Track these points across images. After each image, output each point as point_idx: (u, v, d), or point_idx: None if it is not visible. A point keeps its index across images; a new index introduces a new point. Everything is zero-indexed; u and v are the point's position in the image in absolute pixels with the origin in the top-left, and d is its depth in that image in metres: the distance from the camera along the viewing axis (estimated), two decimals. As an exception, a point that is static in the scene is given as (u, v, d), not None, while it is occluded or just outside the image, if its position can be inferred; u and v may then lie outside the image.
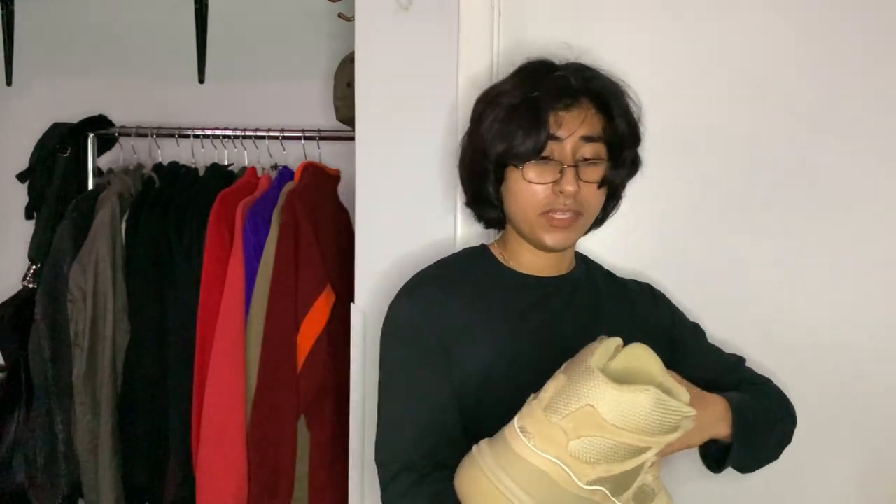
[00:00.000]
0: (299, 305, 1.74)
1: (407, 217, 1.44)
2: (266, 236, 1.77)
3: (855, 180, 1.42)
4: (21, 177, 2.05)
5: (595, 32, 1.42)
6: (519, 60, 1.21)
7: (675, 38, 1.42)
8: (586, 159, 1.12)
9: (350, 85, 1.67)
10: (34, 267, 1.96)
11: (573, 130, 1.10)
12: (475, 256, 1.23)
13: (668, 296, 1.32)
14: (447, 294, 1.15)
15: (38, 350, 1.84)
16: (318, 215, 1.82)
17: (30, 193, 2.04)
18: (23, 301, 1.95)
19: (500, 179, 1.16)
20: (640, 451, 0.88)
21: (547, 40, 1.40)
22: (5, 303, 1.99)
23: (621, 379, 0.88)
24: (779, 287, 1.43)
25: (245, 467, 1.73)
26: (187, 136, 2.03)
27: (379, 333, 1.17)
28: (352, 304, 1.48)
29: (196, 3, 2.19)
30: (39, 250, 1.95)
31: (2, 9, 2.23)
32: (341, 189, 1.99)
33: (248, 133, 2.02)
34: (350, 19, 1.52)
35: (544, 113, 1.10)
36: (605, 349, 0.93)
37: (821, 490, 1.46)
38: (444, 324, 1.12)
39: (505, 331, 1.14)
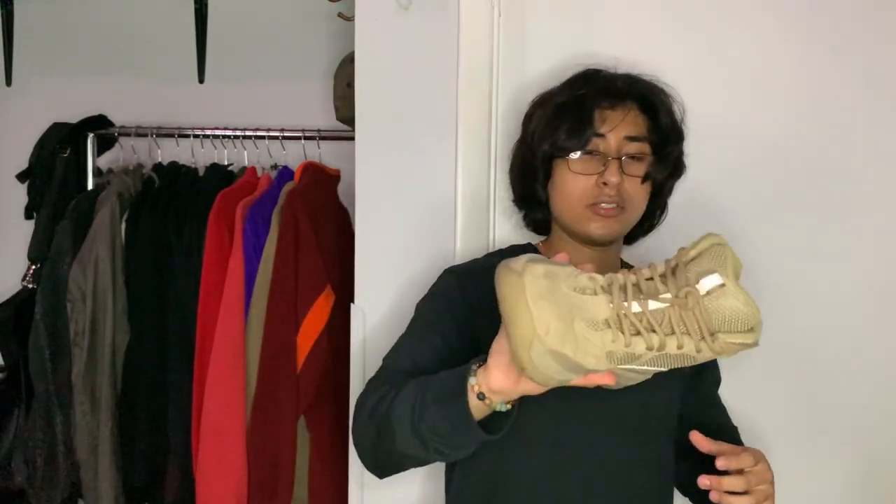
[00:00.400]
0: (299, 305, 1.74)
1: (407, 217, 1.44)
2: (266, 236, 1.77)
3: (857, 178, 1.42)
4: (21, 177, 2.04)
5: (595, 32, 1.42)
6: (519, 60, 1.21)
7: (676, 37, 1.43)
8: (631, 156, 1.15)
9: (350, 85, 1.67)
10: (34, 267, 1.96)
11: (617, 128, 1.14)
12: (521, 252, 1.23)
13: None
14: (483, 278, 1.13)
15: (38, 350, 1.84)
16: (318, 215, 1.82)
17: (29, 193, 2.04)
18: (22, 301, 1.95)
19: (547, 177, 1.19)
20: None
21: (547, 40, 1.41)
22: (5, 303, 1.99)
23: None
24: (776, 288, 1.43)
25: (245, 467, 1.72)
26: (187, 136, 2.03)
27: (379, 334, 1.17)
28: (352, 304, 1.48)
29: (196, 3, 2.19)
30: (39, 250, 1.94)
31: (2, 9, 2.23)
32: (341, 189, 1.99)
33: (248, 133, 2.02)
34: (350, 19, 1.52)
35: (589, 110, 1.14)
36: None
37: (821, 490, 1.46)
38: (478, 303, 1.13)
39: None
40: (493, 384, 0.93)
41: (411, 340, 1.15)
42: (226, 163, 2.03)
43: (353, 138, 1.45)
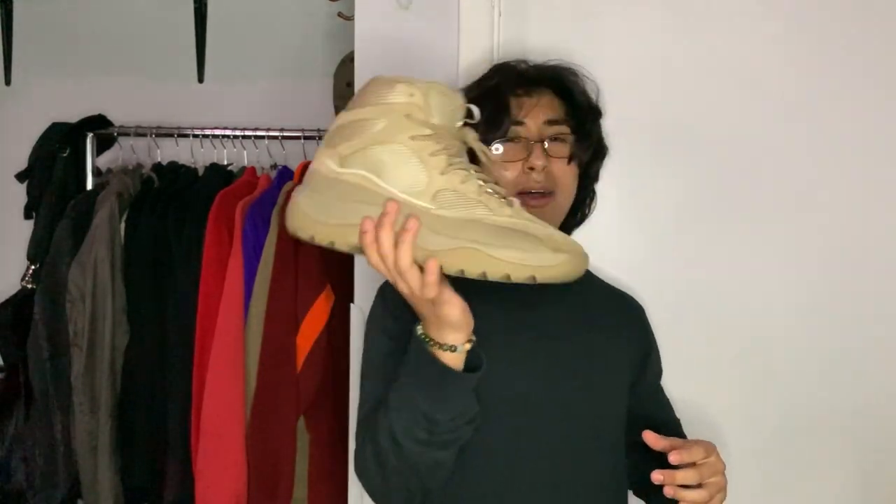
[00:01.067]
0: (299, 306, 1.74)
1: (407, 217, 1.44)
2: (265, 236, 1.77)
3: (842, 181, 1.41)
4: (20, 177, 2.04)
5: (595, 32, 1.42)
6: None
7: (676, 37, 1.42)
8: (553, 138, 1.15)
9: (350, 85, 1.67)
10: (33, 267, 1.96)
11: (535, 113, 1.15)
12: None
13: (657, 299, 1.33)
14: None
15: (37, 350, 1.84)
16: (317, 215, 1.82)
17: (29, 193, 2.04)
18: (22, 301, 1.94)
19: None
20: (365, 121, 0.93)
21: (547, 40, 1.41)
22: (4, 303, 1.98)
23: None
24: (768, 290, 1.43)
25: (245, 467, 1.72)
26: (187, 135, 2.02)
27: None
28: (352, 304, 1.48)
29: (195, 2, 2.19)
30: (38, 250, 1.94)
31: (2, 9, 2.23)
32: (341, 189, 1.99)
33: (247, 133, 2.02)
34: (350, 19, 1.52)
35: (504, 98, 1.15)
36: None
37: (821, 490, 1.45)
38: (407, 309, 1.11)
39: (489, 323, 1.10)
40: (429, 327, 0.96)
41: (372, 384, 1.11)
42: (225, 163, 2.03)
43: (352, 138, 1.45)
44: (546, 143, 1.15)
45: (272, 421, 1.72)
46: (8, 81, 2.26)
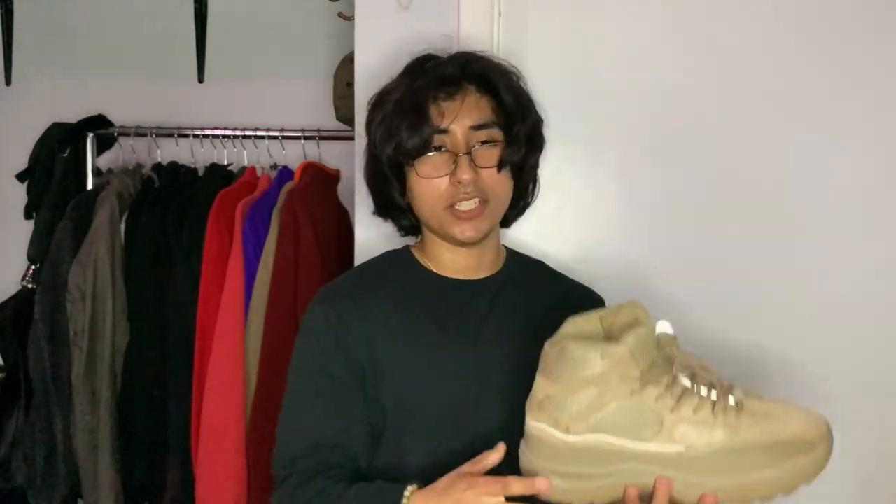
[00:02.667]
0: (299, 306, 1.74)
1: (407, 217, 1.44)
2: (266, 236, 1.77)
3: (840, 181, 1.41)
4: (20, 177, 2.04)
5: (595, 32, 1.42)
6: (519, 60, 1.21)
7: (675, 38, 1.42)
8: (482, 142, 1.08)
9: (350, 85, 1.67)
10: (33, 267, 1.96)
11: (459, 119, 1.07)
12: (395, 259, 1.20)
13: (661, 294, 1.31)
14: (362, 298, 1.12)
15: (38, 350, 1.84)
16: (318, 215, 1.82)
17: (29, 193, 2.04)
18: (22, 301, 1.94)
19: (402, 182, 1.13)
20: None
21: (547, 40, 1.41)
22: (4, 303, 1.98)
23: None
24: (770, 287, 1.43)
25: (245, 467, 1.73)
26: (187, 135, 2.03)
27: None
28: (351, 304, 1.48)
29: (196, 2, 2.19)
30: (39, 250, 1.94)
31: (1, 9, 2.23)
32: (341, 189, 1.99)
33: (247, 133, 2.02)
34: (350, 19, 1.52)
35: (424, 105, 1.08)
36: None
37: (820, 490, 1.45)
38: (356, 329, 1.09)
39: (424, 333, 1.11)
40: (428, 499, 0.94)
41: (302, 413, 1.12)
42: (225, 163, 2.04)
43: (353, 138, 1.45)
44: (476, 147, 1.08)
45: (272, 420, 1.71)
46: (8, 81, 2.26)
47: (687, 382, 0.92)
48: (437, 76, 1.10)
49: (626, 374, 0.90)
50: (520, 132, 1.11)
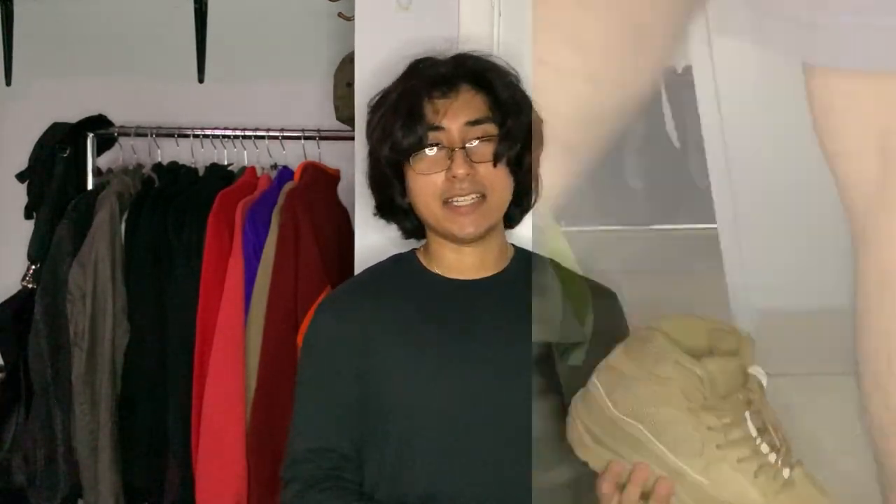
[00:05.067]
0: (299, 306, 1.74)
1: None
2: (266, 236, 1.77)
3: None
4: (20, 177, 2.04)
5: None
6: (519, 60, 1.21)
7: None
8: (478, 138, 1.10)
9: (350, 85, 1.67)
10: (34, 267, 1.96)
11: (455, 116, 1.09)
12: (399, 262, 1.21)
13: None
14: (365, 301, 1.15)
15: (38, 350, 1.84)
16: (317, 215, 1.82)
17: (29, 193, 2.04)
18: (22, 301, 1.94)
19: (402, 183, 1.14)
20: None
21: (547, 40, 1.40)
22: (5, 303, 1.98)
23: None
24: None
25: (245, 467, 1.73)
26: (187, 135, 2.03)
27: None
28: (352, 304, 1.48)
29: (196, 2, 2.19)
30: (39, 250, 1.94)
31: (2, 9, 2.23)
32: (341, 189, 1.99)
33: (247, 133, 2.02)
34: (350, 19, 1.52)
35: (419, 104, 1.09)
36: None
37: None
38: (360, 332, 1.11)
39: (426, 334, 1.12)
40: None
41: (303, 416, 1.14)
42: (226, 163, 2.04)
43: (353, 138, 1.45)
44: (471, 144, 1.09)
45: (272, 421, 1.73)
46: (8, 81, 2.26)
47: (752, 431, 0.91)
48: (432, 75, 1.12)
49: (689, 391, 0.90)
50: (514, 127, 1.12)
